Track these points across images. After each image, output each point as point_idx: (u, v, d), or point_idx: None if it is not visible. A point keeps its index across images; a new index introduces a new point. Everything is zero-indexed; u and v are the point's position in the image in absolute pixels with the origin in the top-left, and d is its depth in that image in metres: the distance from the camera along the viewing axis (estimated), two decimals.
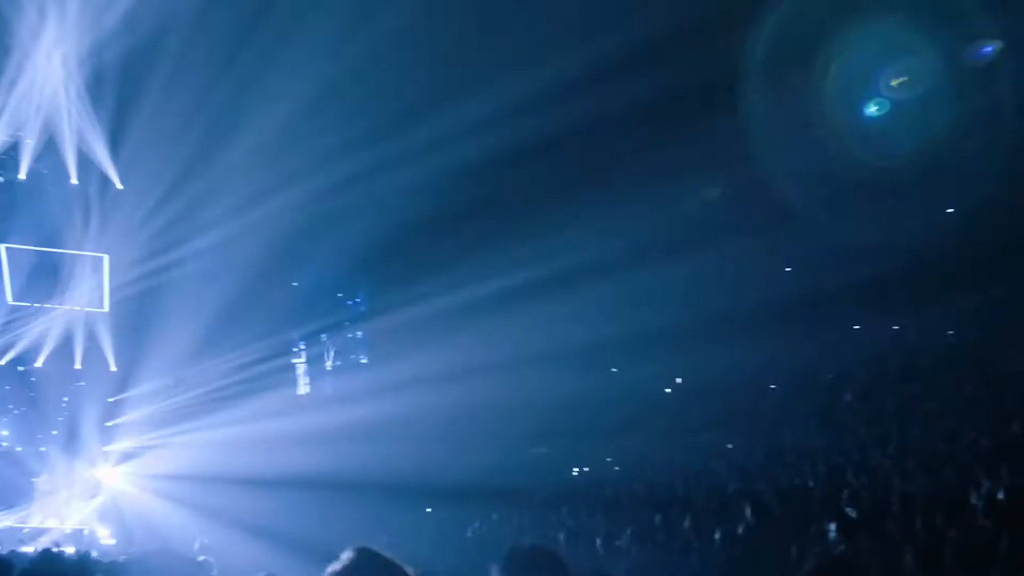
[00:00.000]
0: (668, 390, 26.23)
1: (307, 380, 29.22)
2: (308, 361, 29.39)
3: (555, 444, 25.39)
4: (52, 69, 23.06)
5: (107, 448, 26.68)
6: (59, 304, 26.36)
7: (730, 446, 20.24)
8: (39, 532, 23.19)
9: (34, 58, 22.72)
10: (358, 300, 30.09)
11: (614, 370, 26.47)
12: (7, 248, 25.43)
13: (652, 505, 16.74)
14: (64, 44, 22.58)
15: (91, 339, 26.38)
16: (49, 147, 24.56)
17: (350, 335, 30.06)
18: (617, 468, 25.00)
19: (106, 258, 26.03)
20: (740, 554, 9.66)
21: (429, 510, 23.43)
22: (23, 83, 23.09)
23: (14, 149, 24.63)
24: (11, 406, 27.37)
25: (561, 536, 16.41)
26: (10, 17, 21.48)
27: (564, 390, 23.62)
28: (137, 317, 26.16)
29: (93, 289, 26.24)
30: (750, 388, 22.74)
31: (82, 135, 24.30)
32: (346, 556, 2.82)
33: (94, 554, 17.13)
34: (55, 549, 16.34)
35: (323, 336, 29.58)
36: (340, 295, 30.17)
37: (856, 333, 22.79)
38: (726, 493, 14.71)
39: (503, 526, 20.20)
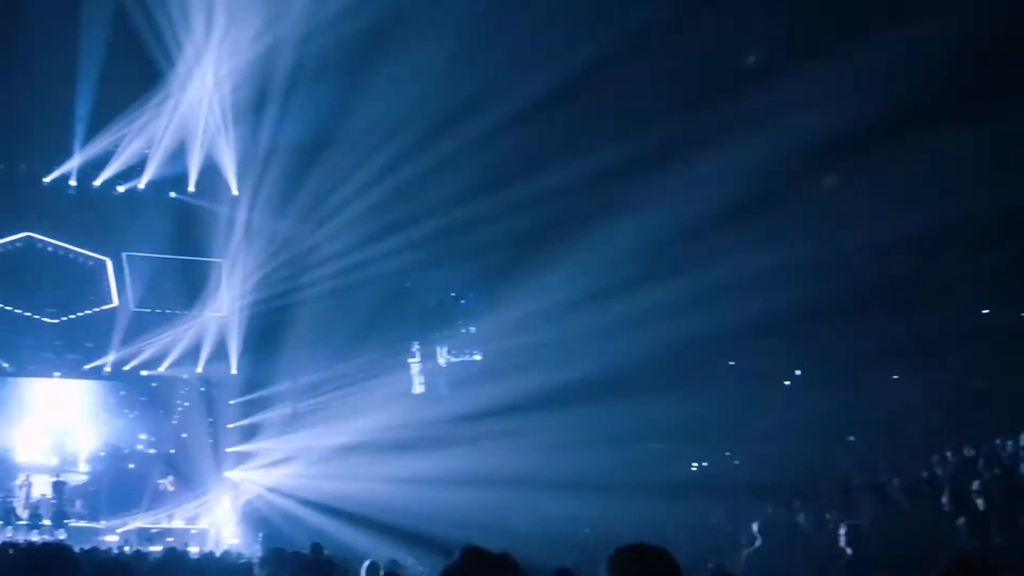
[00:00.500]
0: (787, 382, 25.68)
1: (421, 380, 29.40)
2: (422, 360, 29.56)
3: (670, 438, 25.13)
4: (190, 86, 23.66)
5: (231, 449, 27.37)
6: (180, 311, 27.25)
7: (852, 438, 19.74)
8: (166, 532, 23.93)
9: (173, 76, 23.41)
10: (469, 299, 30.16)
11: (731, 363, 26.00)
12: (128, 256, 26.30)
13: (775, 498, 16.44)
14: (203, 63, 23.17)
15: (213, 344, 27.05)
16: (174, 156, 25.20)
17: (463, 331, 30.15)
18: (737, 462, 24.74)
19: (226, 264, 26.72)
20: (866, 550, 9.30)
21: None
22: (157, 99, 23.81)
23: (140, 160, 25.40)
24: (138, 410, 28.23)
25: (680, 530, 16.20)
26: (150, 39, 22.15)
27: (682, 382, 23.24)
28: (258, 322, 26.71)
29: (215, 295, 26.98)
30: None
31: (207, 145, 24.92)
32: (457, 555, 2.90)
33: (217, 553, 17.62)
34: (179, 548, 16.89)
35: (436, 334, 29.76)
36: (453, 294, 30.28)
37: (983, 318, 21.90)
38: (850, 486, 14.32)
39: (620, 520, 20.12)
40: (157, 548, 17.51)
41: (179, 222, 25.99)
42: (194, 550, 17.67)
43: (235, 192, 25.83)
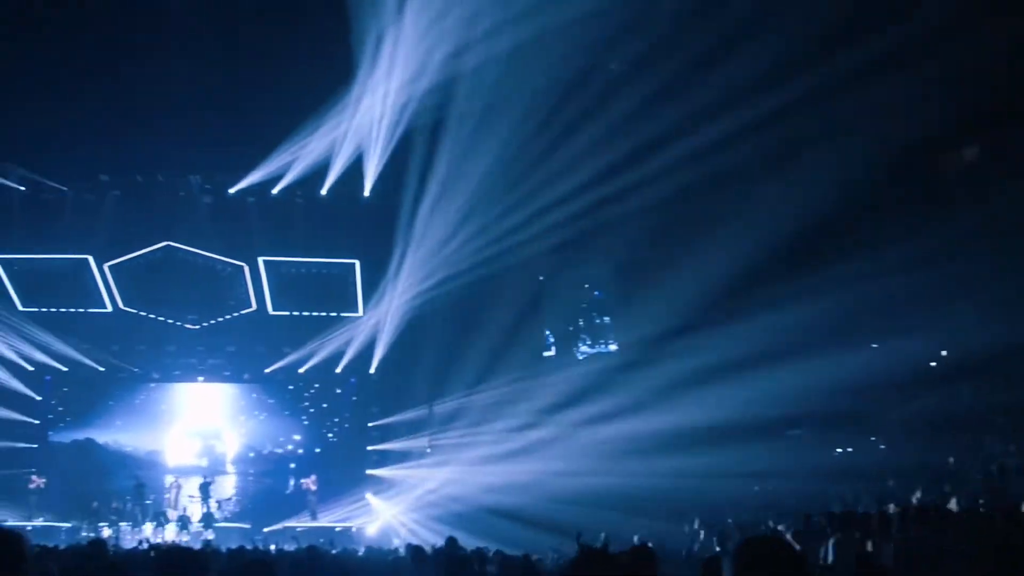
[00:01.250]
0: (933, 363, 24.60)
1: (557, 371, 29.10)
2: (557, 352, 29.27)
3: (811, 426, 24.93)
4: (371, 102, 24.01)
5: (373, 448, 27.63)
6: (316, 312, 27.76)
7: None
8: (311, 531, 24.21)
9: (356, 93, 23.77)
10: (603, 292, 29.76)
11: (874, 345, 24.98)
12: (265, 260, 26.79)
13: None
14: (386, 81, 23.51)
15: (353, 345, 27.39)
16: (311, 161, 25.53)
17: (598, 321, 29.75)
18: (883, 447, 23.90)
19: (358, 264, 27.02)
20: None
21: None
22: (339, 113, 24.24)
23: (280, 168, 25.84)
24: (280, 412, 28.72)
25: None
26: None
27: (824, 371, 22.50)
28: (398, 322, 26.88)
29: (351, 297, 27.36)
30: None
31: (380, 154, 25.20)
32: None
33: (360, 551, 17.65)
34: (323, 546, 16.98)
35: (571, 327, 29.42)
36: (587, 285, 29.89)
37: None
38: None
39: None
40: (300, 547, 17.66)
41: (312, 226, 26.30)
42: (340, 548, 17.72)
43: (366, 193, 26.01)
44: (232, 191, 26.21)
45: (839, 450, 24.45)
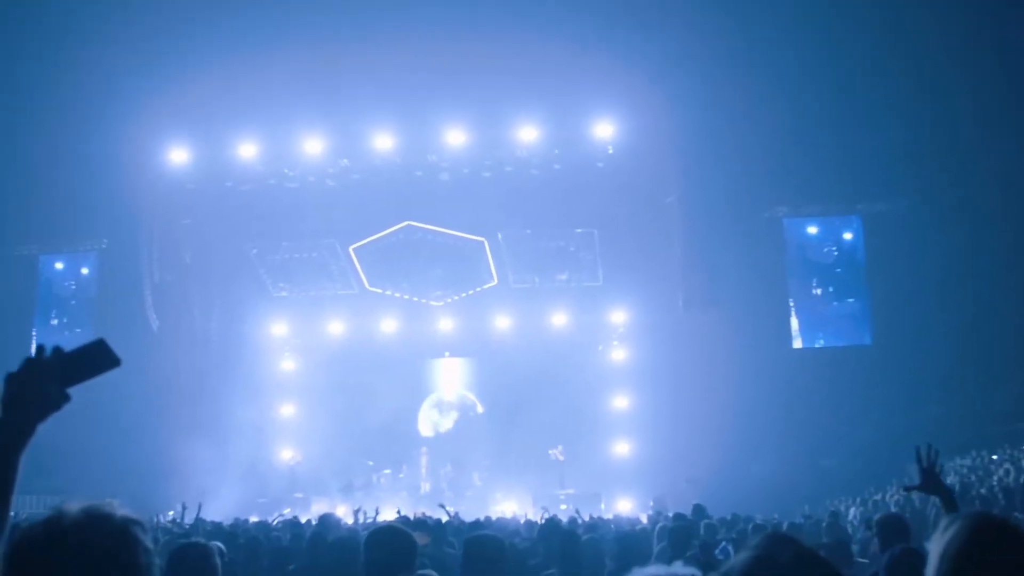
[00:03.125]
0: None
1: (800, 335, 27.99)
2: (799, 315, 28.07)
3: None
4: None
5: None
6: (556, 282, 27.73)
7: None
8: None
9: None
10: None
11: None
12: (503, 235, 26.73)
13: None
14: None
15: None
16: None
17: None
18: None
19: (596, 233, 26.67)
20: None
21: None
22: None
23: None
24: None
25: None
26: None
27: None
28: None
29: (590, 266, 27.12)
30: None
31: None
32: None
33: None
34: (567, 517, 16.69)
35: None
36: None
37: None
38: None
39: None
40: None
41: (549, 197, 25.95)
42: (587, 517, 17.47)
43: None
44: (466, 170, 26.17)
45: None
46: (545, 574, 6.56)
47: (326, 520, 10.46)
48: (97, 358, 2.22)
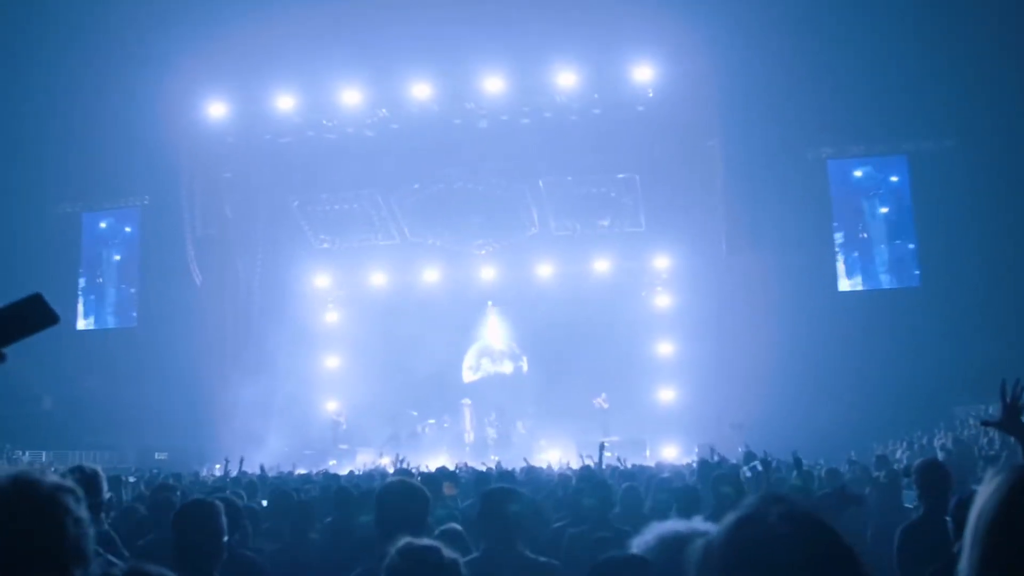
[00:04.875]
0: None
1: (846, 277, 27.67)
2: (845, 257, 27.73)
3: None
4: None
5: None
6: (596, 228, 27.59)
7: None
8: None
9: None
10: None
11: None
12: (544, 182, 26.60)
13: None
14: None
15: None
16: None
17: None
18: None
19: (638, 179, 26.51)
20: None
21: None
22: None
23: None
24: None
25: None
26: None
27: None
28: None
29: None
30: None
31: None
32: None
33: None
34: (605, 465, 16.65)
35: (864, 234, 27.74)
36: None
37: None
38: None
39: None
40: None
41: (589, 142, 25.71)
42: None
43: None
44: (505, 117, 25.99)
45: None
46: (556, 526, 6.28)
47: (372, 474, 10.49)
48: (33, 315, 2.07)
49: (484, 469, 14.44)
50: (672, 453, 24.15)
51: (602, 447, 14.05)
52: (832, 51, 24.73)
